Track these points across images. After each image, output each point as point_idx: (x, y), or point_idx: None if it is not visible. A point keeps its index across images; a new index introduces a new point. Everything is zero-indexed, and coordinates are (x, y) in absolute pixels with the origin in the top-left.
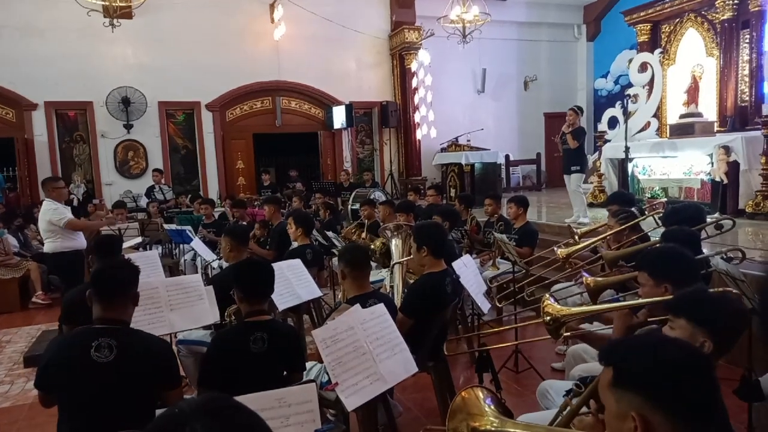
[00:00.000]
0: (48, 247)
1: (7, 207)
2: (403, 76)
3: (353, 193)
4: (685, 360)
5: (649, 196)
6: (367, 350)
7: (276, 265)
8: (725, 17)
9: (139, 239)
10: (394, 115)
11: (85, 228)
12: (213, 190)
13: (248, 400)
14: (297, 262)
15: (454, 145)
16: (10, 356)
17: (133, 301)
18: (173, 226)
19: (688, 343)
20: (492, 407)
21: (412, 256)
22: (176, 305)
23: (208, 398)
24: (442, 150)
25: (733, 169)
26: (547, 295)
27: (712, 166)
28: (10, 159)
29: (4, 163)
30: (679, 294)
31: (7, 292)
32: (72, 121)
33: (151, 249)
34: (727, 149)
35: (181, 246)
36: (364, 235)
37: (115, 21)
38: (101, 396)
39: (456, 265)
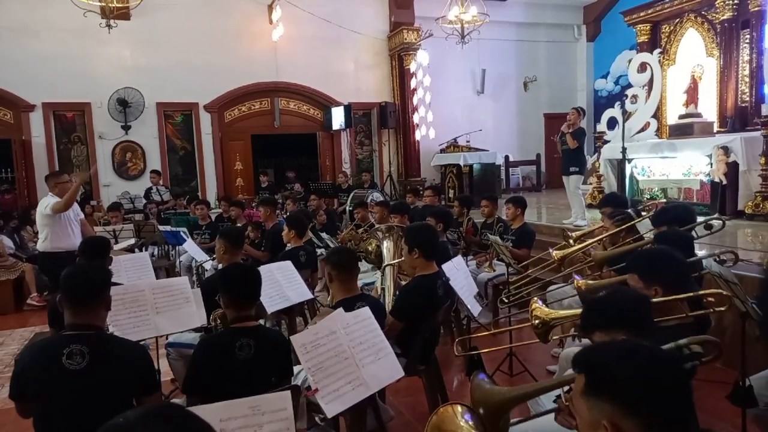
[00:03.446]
0: (40, 245)
1: (4, 209)
2: (401, 77)
3: (351, 195)
4: (657, 367)
5: (648, 197)
6: (349, 355)
7: (266, 267)
8: (725, 17)
9: (132, 241)
10: (393, 116)
11: (69, 199)
12: (211, 192)
13: (221, 407)
14: (287, 264)
15: (453, 146)
16: (2, 359)
17: (105, 306)
18: (168, 228)
19: (660, 349)
20: (470, 423)
21: (403, 258)
22: (162, 308)
23: (155, 407)
24: (441, 151)
25: (732, 169)
26: (536, 298)
27: (711, 166)
28: (8, 160)
29: (2, 165)
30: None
31: (1, 293)
32: (70, 123)
33: (147, 250)
34: (726, 150)
35: (178, 247)
36: (361, 230)
37: (111, 22)
38: (76, 404)
39: (446, 267)
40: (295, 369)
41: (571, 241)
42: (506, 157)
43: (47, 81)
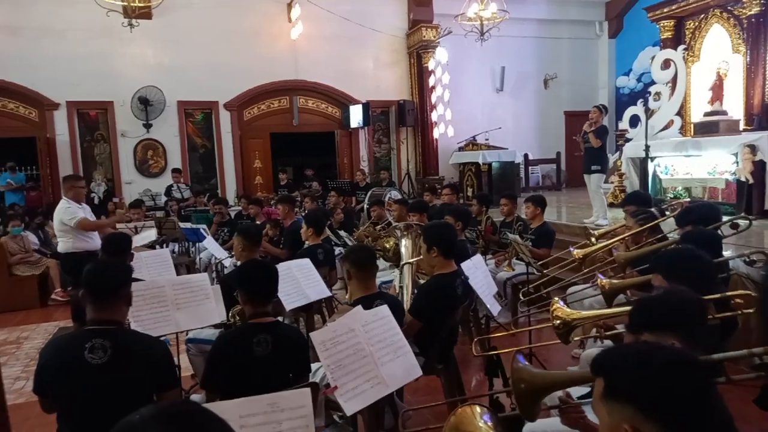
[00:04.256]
0: (60, 246)
1: (29, 205)
2: (420, 75)
3: (369, 193)
4: (676, 369)
5: (672, 196)
6: (368, 353)
7: (284, 265)
8: (752, 12)
9: (153, 237)
10: (411, 114)
11: (95, 228)
12: (230, 189)
13: (240, 404)
14: (306, 262)
15: (472, 144)
16: (27, 353)
17: (126, 301)
18: (189, 225)
19: (680, 350)
20: (488, 424)
21: (422, 257)
22: (182, 304)
23: (170, 404)
24: (460, 149)
25: (759, 168)
26: (557, 299)
27: (738, 165)
28: (33, 158)
29: (27, 162)
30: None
31: (27, 289)
32: (93, 121)
33: (167, 246)
34: (753, 148)
35: (198, 244)
36: (379, 227)
37: (133, 21)
38: (97, 398)
39: (465, 266)
40: (313, 366)
41: (593, 239)
42: (525, 156)
43: (71, 80)
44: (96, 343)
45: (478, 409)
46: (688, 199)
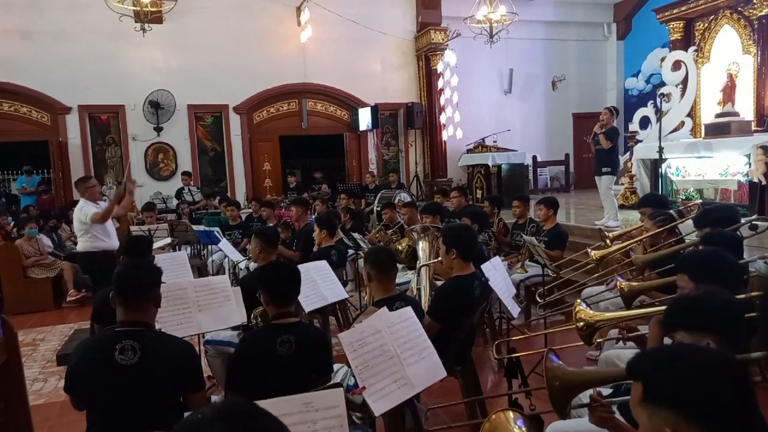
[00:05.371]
0: (79, 246)
1: (42, 208)
2: (428, 77)
3: (379, 195)
4: (717, 371)
5: (683, 197)
6: (394, 354)
7: (302, 267)
8: (763, 13)
9: (168, 240)
10: (420, 117)
11: (105, 214)
12: (240, 192)
13: (274, 404)
14: (323, 264)
15: (481, 146)
16: (44, 354)
17: (155, 303)
18: (201, 227)
19: (720, 352)
20: (522, 429)
21: (439, 259)
22: (204, 306)
23: (229, 404)
24: (468, 151)
25: None
26: (579, 301)
27: (750, 166)
28: (45, 161)
29: (39, 166)
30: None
31: (41, 291)
32: (104, 124)
33: (180, 250)
34: (765, 149)
35: (210, 247)
36: (390, 231)
37: (145, 26)
38: (127, 398)
39: (485, 267)
40: (334, 367)
41: (608, 241)
42: (534, 158)
43: (83, 84)
44: (126, 344)
45: (511, 414)
46: (700, 201)
